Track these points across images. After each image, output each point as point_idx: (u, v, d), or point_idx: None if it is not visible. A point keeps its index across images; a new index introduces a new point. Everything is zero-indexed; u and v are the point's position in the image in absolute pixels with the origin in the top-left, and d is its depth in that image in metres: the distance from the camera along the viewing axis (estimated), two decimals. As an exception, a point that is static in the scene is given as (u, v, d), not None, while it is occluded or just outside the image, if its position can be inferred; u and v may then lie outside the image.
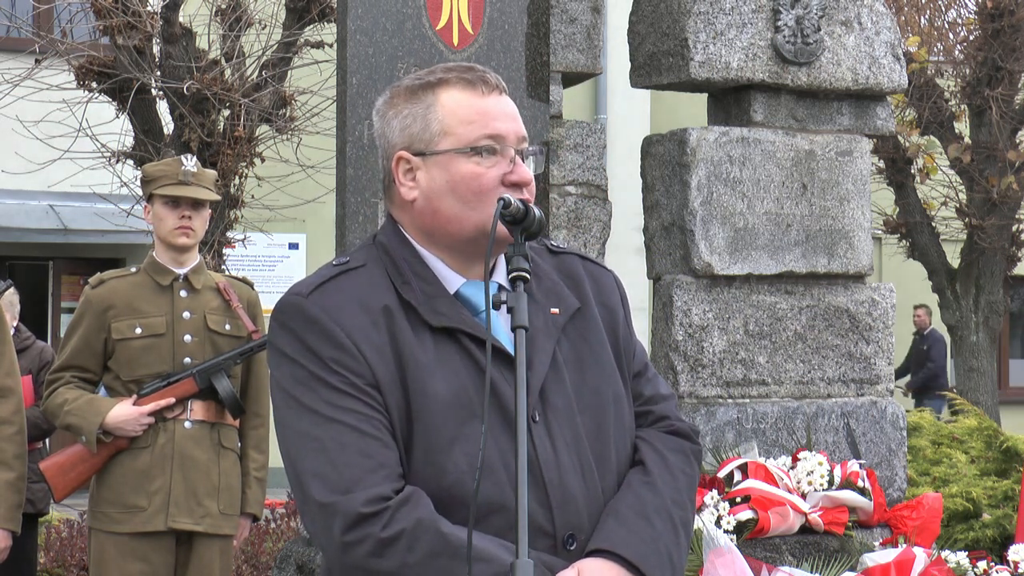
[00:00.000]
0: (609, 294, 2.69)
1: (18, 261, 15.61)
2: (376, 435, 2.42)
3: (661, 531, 2.51)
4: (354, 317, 2.46)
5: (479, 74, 2.55)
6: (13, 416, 4.93)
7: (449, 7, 5.40)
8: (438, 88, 2.54)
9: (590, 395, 2.56)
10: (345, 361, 2.44)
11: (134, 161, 9.34)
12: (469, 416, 2.44)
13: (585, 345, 2.59)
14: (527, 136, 2.57)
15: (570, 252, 2.71)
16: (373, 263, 2.54)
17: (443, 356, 2.47)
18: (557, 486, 2.47)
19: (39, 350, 6.75)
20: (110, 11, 8.76)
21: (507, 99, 2.57)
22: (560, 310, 2.58)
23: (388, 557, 2.36)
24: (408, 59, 5.29)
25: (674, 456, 2.62)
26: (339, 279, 2.52)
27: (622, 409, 2.61)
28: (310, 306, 2.48)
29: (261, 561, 7.98)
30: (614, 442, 2.58)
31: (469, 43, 5.44)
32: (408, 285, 2.51)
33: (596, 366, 2.59)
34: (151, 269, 5.27)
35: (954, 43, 13.31)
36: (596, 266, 2.72)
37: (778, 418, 5.85)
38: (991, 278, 12.91)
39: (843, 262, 6.05)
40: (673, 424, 2.67)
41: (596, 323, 2.63)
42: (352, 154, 5.21)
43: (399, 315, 2.48)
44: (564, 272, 2.65)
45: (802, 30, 5.97)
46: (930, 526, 5.68)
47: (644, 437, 2.64)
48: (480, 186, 2.50)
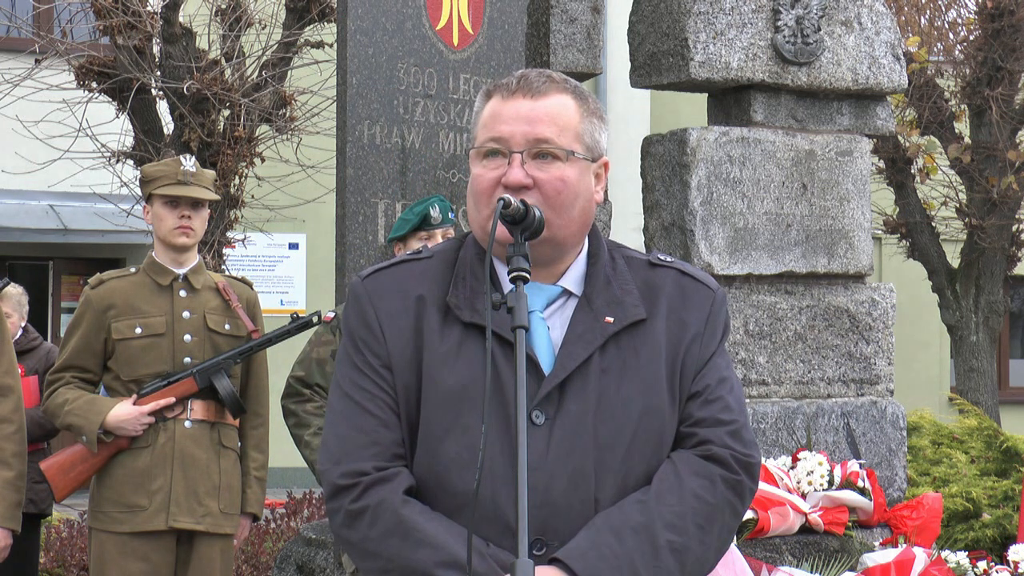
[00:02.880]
0: (692, 310, 2.62)
1: (18, 261, 15.61)
2: (377, 414, 2.53)
3: (631, 549, 2.43)
4: (390, 302, 2.56)
5: (519, 78, 2.57)
6: (12, 415, 4.93)
7: (449, 7, 5.40)
8: (490, 94, 2.60)
9: (618, 405, 2.52)
10: (369, 342, 2.55)
11: (134, 161, 9.34)
12: (470, 408, 2.46)
13: (634, 356, 2.55)
14: (547, 137, 2.53)
15: (671, 267, 2.64)
16: (442, 256, 2.62)
17: (465, 350, 2.51)
18: (541, 490, 2.45)
19: (46, 351, 6.74)
20: (110, 11, 8.77)
21: (531, 102, 2.54)
22: (615, 319, 2.54)
23: (354, 529, 2.49)
24: (408, 59, 5.29)
25: (694, 480, 2.51)
26: (400, 267, 2.61)
27: (652, 424, 2.54)
28: (360, 287, 2.60)
29: (261, 561, 7.98)
30: (632, 455, 2.52)
31: (469, 43, 5.44)
32: (463, 280, 2.57)
33: (636, 378, 2.54)
34: (151, 269, 5.27)
35: (954, 43, 13.31)
36: (694, 282, 2.64)
37: (778, 418, 5.85)
38: (991, 278, 12.90)
39: (843, 262, 6.05)
40: (711, 449, 2.55)
41: (656, 336, 2.57)
42: (352, 154, 5.21)
43: (431, 306, 2.54)
44: (647, 283, 2.60)
45: (802, 30, 5.97)
46: (930, 526, 5.68)
47: (672, 457, 2.55)
48: (478, 188, 2.54)
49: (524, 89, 2.56)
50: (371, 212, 5.28)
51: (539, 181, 2.51)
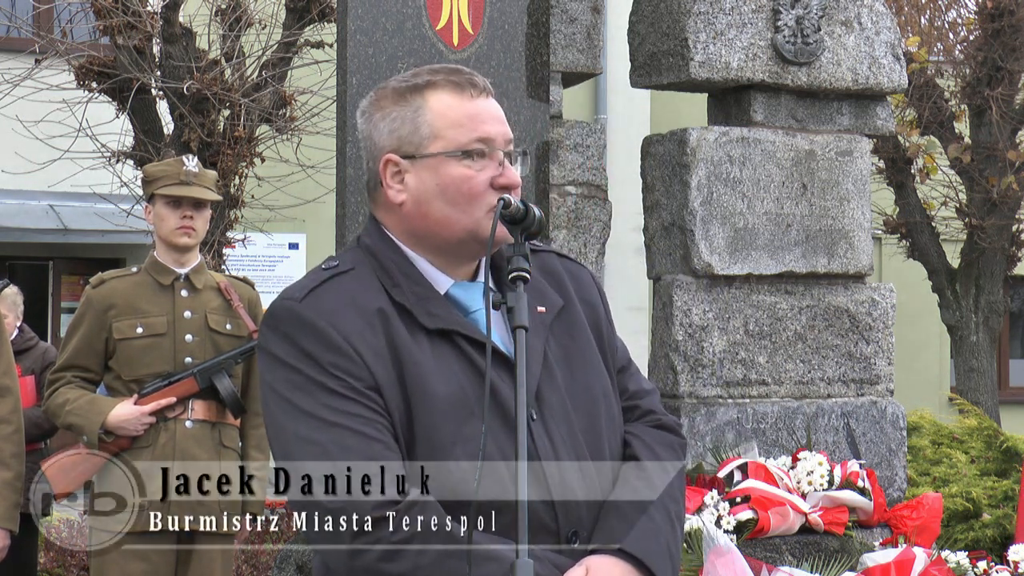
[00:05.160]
0: (589, 291, 2.71)
1: (18, 261, 15.60)
2: (378, 437, 2.42)
3: (660, 525, 2.53)
4: (350, 320, 2.46)
5: (466, 77, 2.57)
6: (10, 415, 4.93)
7: (449, 7, 5.40)
8: (426, 90, 2.55)
9: (581, 392, 2.58)
10: (344, 365, 2.43)
11: (134, 161, 9.34)
12: (468, 416, 2.45)
13: (572, 343, 2.61)
14: (513, 138, 2.59)
15: (548, 250, 2.72)
16: (362, 266, 2.54)
17: (439, 357, 2.48)
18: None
19: (42, 351, 6.75)
20: (110, 11, 8.77)
21: (494, 102, 2.58)
22: (546, 308, 2.59)
23: (399, 560, 2.36)
24: (408, 59, 5.29)
25: (663, 450, 2.65)
26: (330, 283, 2.51)
27: (611, 404, 2.64)
28: (305, 310, 2.47)
29: (261, 561, 7.98)
30: (606, 437, 2.60)
31: (469, 43, 5.44)
32: (398, 287, 2.51)
33: (584, 363, 2.61)
34: (152, 269, 5.28)
35: (954, 43, 13.30)
36: (573, 263, 2.74)
37: (778, 418, 5.85)
38: (991, 278, 12.89)
39: (843, 262, 6.05)
40: (659, 419, 2.71)
41: (580, 320, 2.64)
42: (352, 154, 5.21)
43: (394, 317, 2.48)
44: (545, 270, 2.66)
45: (802, 30, 5.97)
46: (930, 526, 5.68)
47: (633, 432, 2.66)
48: (470, 189, 2.51)
49: (481, 87, 2.57)
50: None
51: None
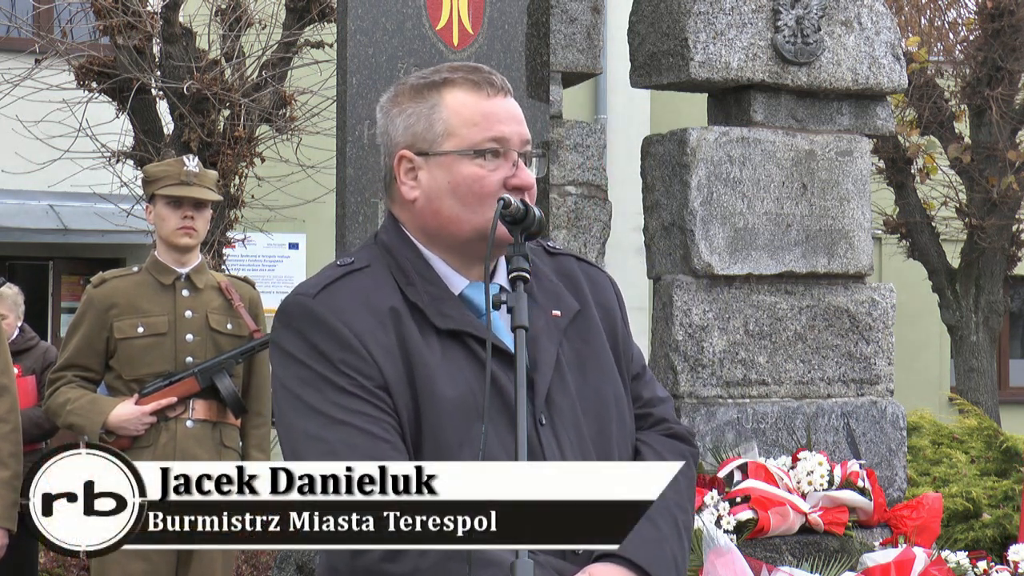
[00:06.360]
0: (606, 296, 2.69)
1: (18, 261, 15.60)
2: (385, 437, 2.40)
3: (666, 534, 2.50)
4: (362, 318, 2.45)
5: (485, 75, 2.54)
6: (8, 415, 4.93)
7: (449, 7, 5.40)
8: (443, 88, 2.53)
9: (593, 397, 2.56)
10: (354, 363, 2.42)
11: (134, 161, 9.33)
12: (476, 417, 2.43)
13: (586, 347, 2.59)
14: (531, 139, 2.56)
15: (567, 253, 2.70)
16: (377, 263, 2.53)
17: (449, 358, 2.46)
18: None
19: (43, 350, 6.75)
20: (110, 11, 8.76)
21: (512, 101, 2.55)
22: (561, 312, 2.57)
23: (400, 562, 2.34)
24: (408, 59, 5.29)
25: (674, 459, 2.58)
26: (345, 280, 2.50)
27: (623, 411, 2.61)
28: (317, 307, 2.46)
29: (261, 561, 7.99)
30: (616, 444, 2.58)
31: (469, 43, 5.44)
32: (413, 286, 2.50)
33: (597, 368, 2.59)
34: (153, 268, 5.28)
35: (954, 43, 13.30)
36: (592, 267, 2.72)
37: (778, 418, 5.86)
38: (991, 278, 12.89)
39: (843, 262, 6.06)
40: (672, 427, 2.68)
41: (596, 325, 2.62)
42: (352, 154, 5.21)
43: (406, 317, 2.46)
44: (562, 273, 2.65)
45: (802, 30, 5.97)
46: (930, 526, 5.68)
47: (645, 440, 2.64)
48: (481, 189, 2.49)
49: (499, 86, 2.55)
50: (371, 212, 5.28)
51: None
